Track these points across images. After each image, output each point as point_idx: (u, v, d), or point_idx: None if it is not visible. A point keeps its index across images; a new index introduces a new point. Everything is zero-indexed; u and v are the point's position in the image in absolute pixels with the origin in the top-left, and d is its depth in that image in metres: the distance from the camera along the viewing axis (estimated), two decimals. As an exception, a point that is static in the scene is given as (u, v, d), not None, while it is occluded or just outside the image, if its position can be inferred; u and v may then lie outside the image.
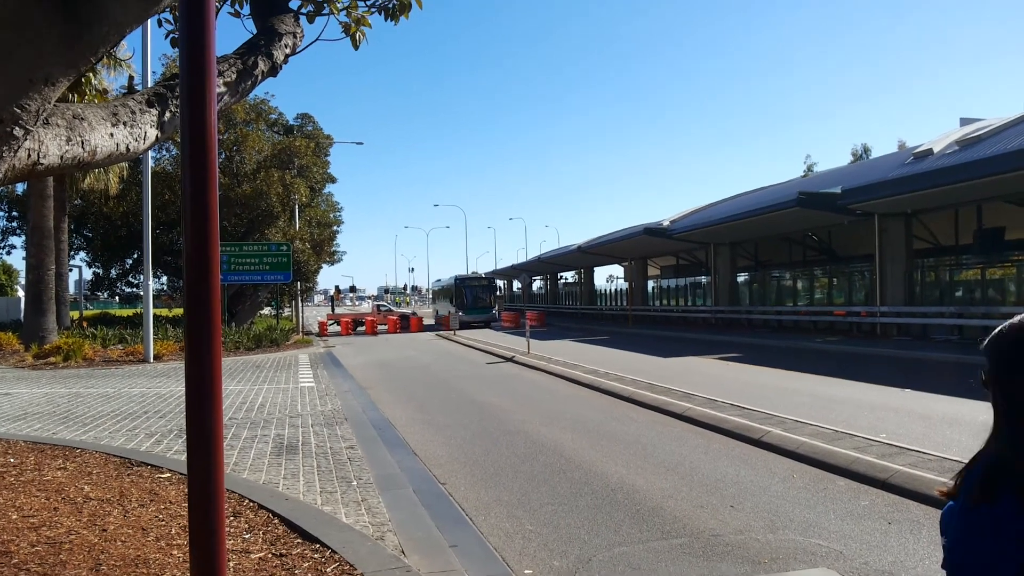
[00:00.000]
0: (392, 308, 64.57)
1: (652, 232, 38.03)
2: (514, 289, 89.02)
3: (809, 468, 8.06)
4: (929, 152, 25.71)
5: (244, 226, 35.08)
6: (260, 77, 5.22)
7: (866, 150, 59.76)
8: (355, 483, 7.66)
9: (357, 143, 79.07)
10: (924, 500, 6.64)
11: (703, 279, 42.37)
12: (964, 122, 31.20)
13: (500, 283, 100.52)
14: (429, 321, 57.17)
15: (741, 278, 39.27)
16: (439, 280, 69.65)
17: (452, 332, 39.05)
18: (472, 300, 49.54)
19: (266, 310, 49.35)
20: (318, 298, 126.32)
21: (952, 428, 9.81)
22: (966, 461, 1.46)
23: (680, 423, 11.10)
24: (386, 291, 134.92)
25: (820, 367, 17.69)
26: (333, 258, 52.67)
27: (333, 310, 64.80)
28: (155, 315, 23.65)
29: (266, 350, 28.16)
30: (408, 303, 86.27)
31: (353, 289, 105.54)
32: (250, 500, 6.81)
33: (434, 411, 13.03)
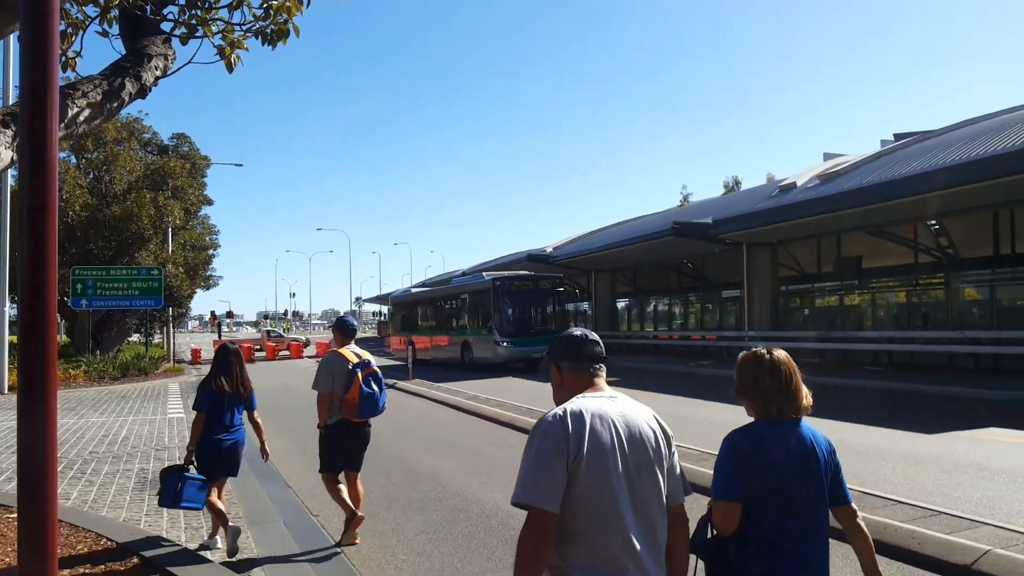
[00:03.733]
0: (283, 334, 61.65)
1: (535, 258, 38.59)
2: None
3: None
4: (793, 185, 27.25)
5: (113, 249, 33.35)
6: (128, 99, 5.09)
7: (737, 182, 62.56)
8: (222, 517, 7.39)
9: (236, 164, 77.12)
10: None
11: (584, 305, 43.26)
12: (827, 157, 33.25)
13: (384, 308, 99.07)
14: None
15: (621, 304, 40.31)
16: (403, 290, 47.47)
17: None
18: (520, 318, 27.22)
19: (135, 337, 46.95)
20: (192, 324, 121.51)
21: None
22: None
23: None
24: (265, 316, 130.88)
25: (688, 389, 18.30)
26: (208, 282, 50.65)
27: (220, 336, 62.29)
28: (11, 342, 22.10)
29: (134, 379, 26.79)
30: (288, 329, 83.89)
31: (230, 315, 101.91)
32: (108, 539, 6.47)
33: (309, 441, 12.72)
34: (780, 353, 3.01)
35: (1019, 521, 6.36)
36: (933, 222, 23.07)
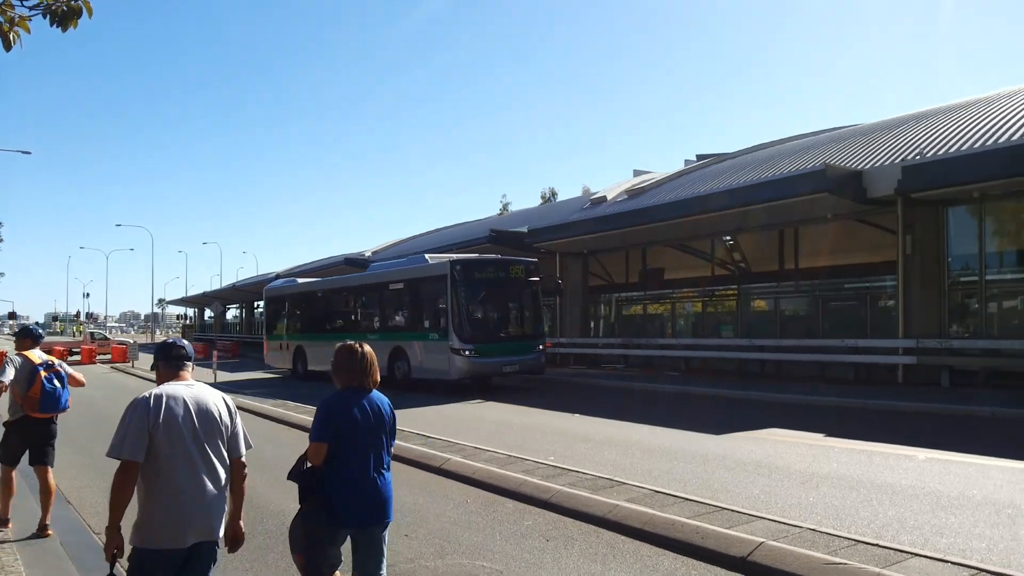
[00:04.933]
0: (107, 337, 55.94)
1: (352, 262, 37.91)
2: (205, 318, 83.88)
3: (484, 492, 8.40)
4: (603, 199, 28.51)
5: None
6: None
7: (553, 194, 64.72)
8: (-17, 539, 6.65)
9: (24, 152, 70.30)
10: (579, 517, 7.20)
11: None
12: (636, 173, 35.09)
13: (190, 311, 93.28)
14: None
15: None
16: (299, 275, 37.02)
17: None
18: (487, 317, 20.52)
19: None
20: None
21: (611, 448, 10.80)
22: (620, 479, 1.61)
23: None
24: (55, 318, 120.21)
25: (505, 396, 18.59)
26: (-14, 279, 45.79)
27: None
28: None
29: None
30: (80, 332, 77.18)
31: (13, 316, 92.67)
32: None
33: (98, 453, 11.77)
34: (367, 347, 4.49)
35: (791, 514, 6.92)
36: (728, 238, 24.87)
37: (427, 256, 21.77)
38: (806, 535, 6.08)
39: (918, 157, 17.40)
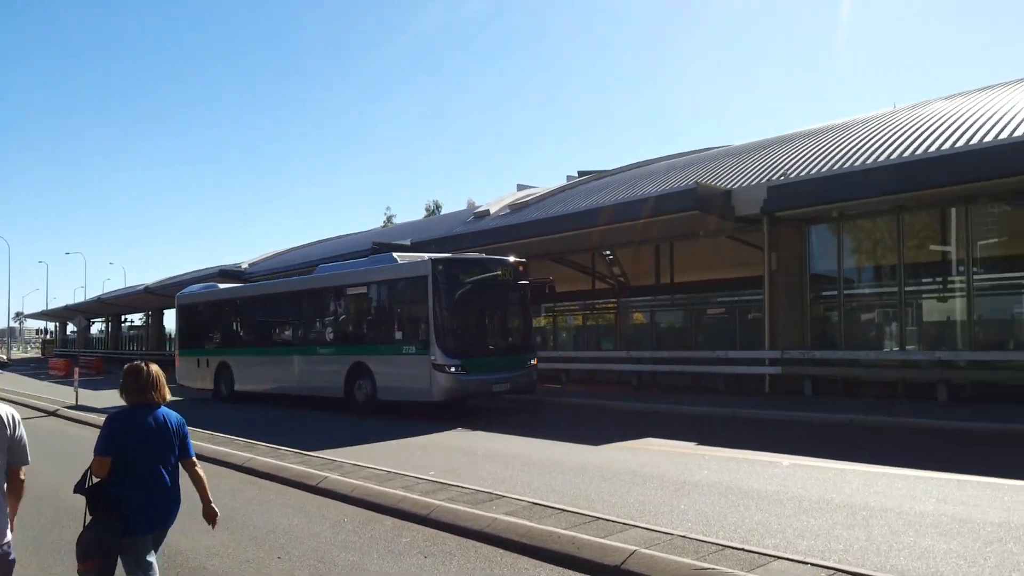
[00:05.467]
0: None
1: (228, 274, 36.70)
2: (68, 333, 79.20)
3: (362, 511, 8.25)
4: (487, 213, 28.73)
5: None
6: None
7: (438, 206, 64.76)
8: None
9: None
10: (458, 532, 7.18)
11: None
12: (520, 187, 35.54)
13: (51, 325, 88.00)
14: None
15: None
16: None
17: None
18: (474, 327, 17.73)
19: None
20: None
21: (492, 462, 10.83)
22: (501, 492, 1.59)
23: (239, 475, 10.68)
24: None
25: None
26: None
27: None
28: None
29: None
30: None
31: None
32: None
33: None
34: (153, 366, 4.69)
35: (664, 522, 7.12)
36: (607, 252, 25.51)
37: (396, 256, 18.50)
38: (677, 542, 6.27)
39: (782, 178, 18.39)
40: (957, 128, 16.61)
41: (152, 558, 4.54)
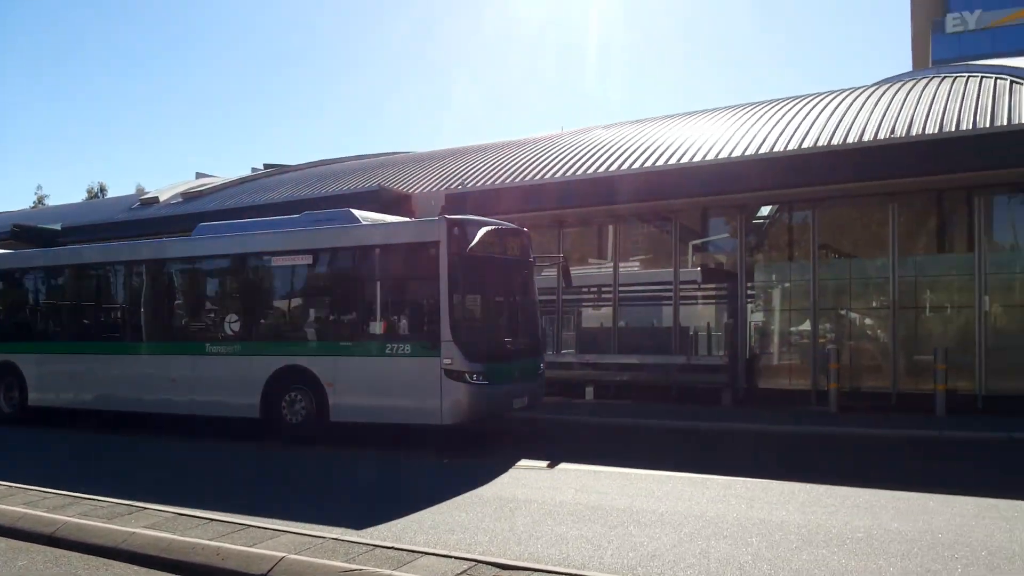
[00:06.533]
0: None
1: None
2: None
3: None
4: (156, 200, 26.66)
5: None
6: None
7: (103, 189, 58.84)
8: None
9: None
10: (89, 550, 6.50)
11: None
12: (199, 175, 33.50)
13: None
14: None
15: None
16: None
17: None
18: (494, 319, 12.95)
19: None
20: None
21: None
22: (141, 504, 1.34)
23: None
24: None
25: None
26: None
27: None
28: None
29: None
30: None
31: None
32: None
33: None
34: None
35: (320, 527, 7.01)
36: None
37: (356, 212, 12.61)
38: (328, 545, 6.21)
39: (460, 187, 19.18)
40: (611, 155, 18.43)
41: None
